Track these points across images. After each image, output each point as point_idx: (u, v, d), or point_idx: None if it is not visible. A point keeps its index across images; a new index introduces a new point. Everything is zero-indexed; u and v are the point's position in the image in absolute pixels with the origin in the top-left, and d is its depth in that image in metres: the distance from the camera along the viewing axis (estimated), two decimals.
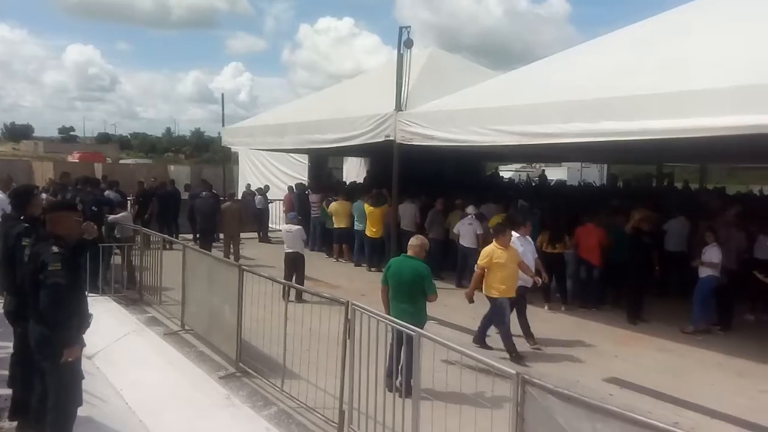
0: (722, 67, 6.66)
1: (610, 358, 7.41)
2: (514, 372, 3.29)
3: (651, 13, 10.02)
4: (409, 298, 5.80)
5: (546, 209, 12.10)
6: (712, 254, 8.39)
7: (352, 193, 14.45)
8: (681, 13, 9.35)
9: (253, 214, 16.60)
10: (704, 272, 8.44)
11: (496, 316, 7.37)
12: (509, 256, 7.22)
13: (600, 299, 9.86)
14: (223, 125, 17.01)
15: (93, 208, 10.11)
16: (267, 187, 17.69)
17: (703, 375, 6.92)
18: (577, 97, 7.62)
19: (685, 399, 6.06)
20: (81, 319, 4.55)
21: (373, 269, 12.31)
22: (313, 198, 15.25)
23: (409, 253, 5.94)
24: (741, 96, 5.99)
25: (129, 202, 12.62)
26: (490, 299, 7.33)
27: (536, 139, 7.98)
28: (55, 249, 4.28)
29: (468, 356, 3.93)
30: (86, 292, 5.26)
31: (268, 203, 17.24)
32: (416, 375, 4.38)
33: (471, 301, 7.37)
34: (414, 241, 6.02)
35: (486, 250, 7.33)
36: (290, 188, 16.76)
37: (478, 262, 7.39)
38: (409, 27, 10.20)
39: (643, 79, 7.25)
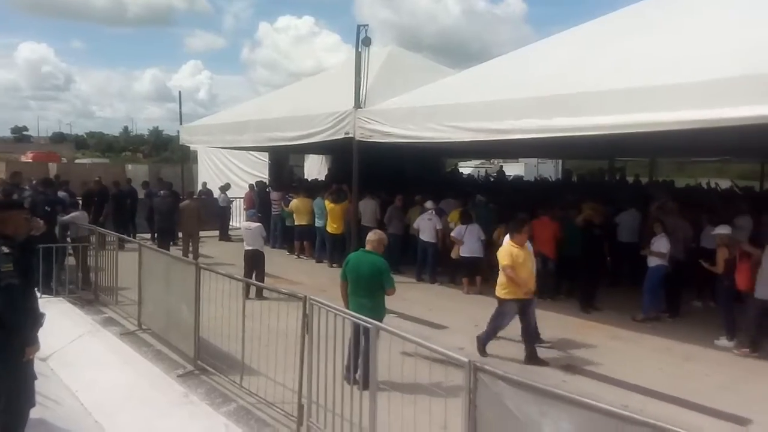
0: (670, 64, 6.90)
1: (564, 346, 7.63)
2: (466, 360, 3.39)
3: (604, 13, 10.34)
4: (367, 293, 5.88)
5: (502, 204, 12.33)
6: (661, 244, 8.71)
7: (312, 190, 14.46)
8: (631, 12, 9.64)
9: (214, 213, 16.46)
10: (653, 262, 8.76)
11: (499, 317, 7.12)
12: (527, 255, 7.02)
13: (555, 290, 10.11)
14: (180, 123, 16.76)
15: (46, 208, 9.88)
16: (228, 185, 17.52)
17: (653, 360, 7.18)
18: (531, 94, 7.79)
19: (635, 383, 6.29)
20: (34, 318, 4.47)
21: (334, 265, 12.34)
22: (274, 196, 15.19)
23: (368, 247, 6.01)
24: (688, 93, 6.23)
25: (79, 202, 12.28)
26: (501, 301, 7.06)
27: (491, 135, 8.14)
28: (5, 249, 4.22)
29: (423, 346, 4.02)
30: (38, 293, 5.18)
31: (231, 201, 17.07)
32: (373, 367, 4.45)
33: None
34: (372, 236, 6.10)
35: (506, 251, 6.98)
36: (251, 186, 16.65)
37: (502, 263, 6.95)
38: (367, 25, 10.27)
39: (594, 77, 7.47)
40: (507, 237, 7.40)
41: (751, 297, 7.37)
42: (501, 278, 7.03)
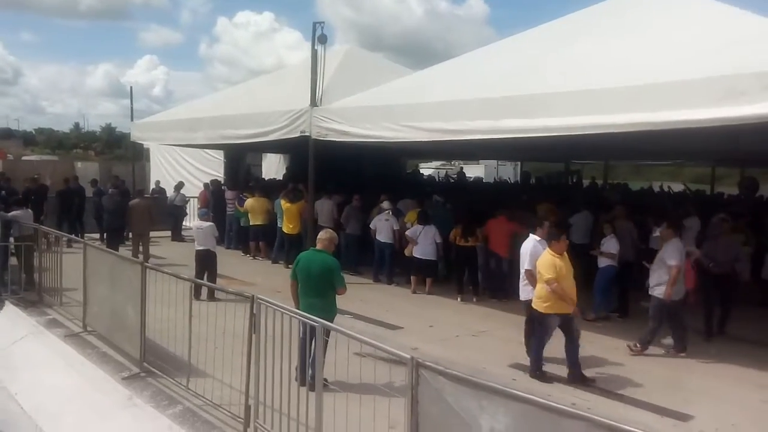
0: (621, 67, 7.07)
1: (517, 345, 7.66)
2: (409, 357, 3.37)
3: (562, 16, 10.51)
4: (318, 292, 5.82)
5: (460, 204, 12.42)
6: (610, 245, 8.89)
7: (269, 189, 14.29)
8: (585, 15, 9.83)
9: (166, 212, 16.10)
10: (603, 262, 8.92)
11: (540, 332, 6.63)
12: (568, 265, 6.53)
13: (509, 290, 10.21)
14: (132, 120, 16.36)
15: None
16: (182, 183, 17.15)
17: (602, 358, 7.31)
18: (484, 95, 7.87)
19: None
20: None
21: (290, 266, 12.21)
22: (229, 195, 14.95)
23: (318, 246, 5.95)
24: (635, 95, 6.37)
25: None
26: (541, 315, 6.54)
27: (445, 136, 8.18)
28: None
29: (368, 344, 3.99)
30: None
31: (186, 201, 16.71)
32: (319, 366, 4.40)
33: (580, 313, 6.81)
34: (323, 234, 6.05)
35: (549, 262, 6.41)
36: (206, 185, 16.36)
37: (546, 276, 6.39)
38: (323, 22, 10.22)
39: (545, 78, 7.60)
40: (530, 236, 7.19)
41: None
42: (540, 291, 6.49)
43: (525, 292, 7.08)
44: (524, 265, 7.05)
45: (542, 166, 28.94)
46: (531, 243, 7.12)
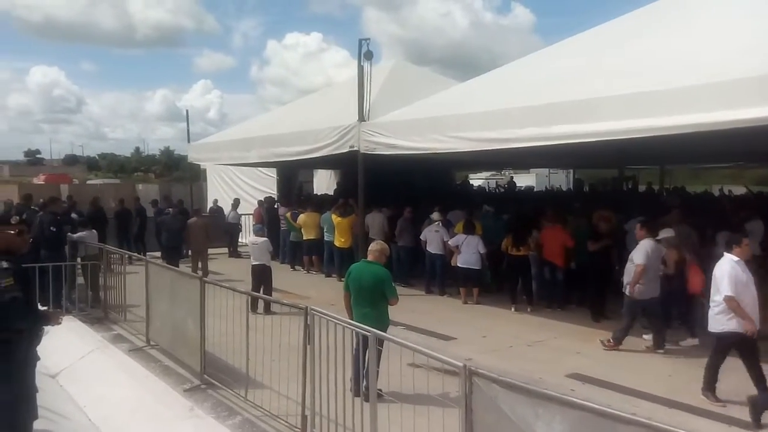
0: (669, 68, 6.89)
1: (573, 355, 7.56)
2: (461, 365, 3.38)
3: (607, 20, 10.35)
4: (370, 303, 5.87)
5: (512, 214, 12.30)
6: None
7: (321, 204, 14.52)
8: (633, 18, 9.65)
9: (222, 229, 16.55)
10: None
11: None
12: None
13: (565, 299, 10.04)
14: (189, 142, 16.92)
15: (51, 228, 9.99)
16: (237, 201, 17.63)
17: (662, 368, 7.09)
18: (531, 102, 7.80)
19: (644, 390, 6.21)
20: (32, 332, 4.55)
21: (342, 279, 12.34)
22: (282, 211, 15.26)
23: (369, 258, 6.02)
24: (686, 96, 6.19)
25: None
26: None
27: (493, 145, 8.15)
28: (3, 264, 4.30)
29: (421, 353, 4.00)
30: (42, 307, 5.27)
31: (240, 218, 17.13)
32: (373, 375, 4.44)
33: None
34: (374, 246, 6.11)
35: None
36: (260, 202, 16.76)
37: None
38: (369, 39, 10.34)
39: (594, 83, 7.48)
40: (726, 256, 6.00)
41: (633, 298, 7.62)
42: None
43: (719, 322, 5.94)
44: (723, 291, 5.82)
45: (595, 173, 28.34)
46: (729, 265, 5.91)
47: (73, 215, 12.55)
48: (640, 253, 7.54)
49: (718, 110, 5.90)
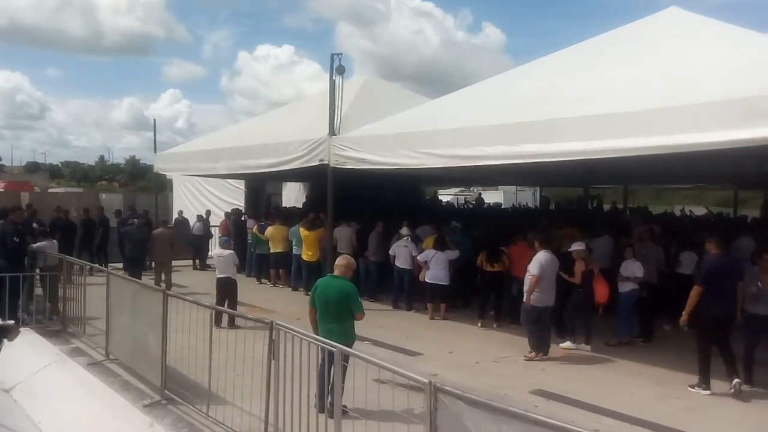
0: (635, 92, 7.09)
1: (538, 371, 7.62)
2: (426, 381, 3.37)
3: (577, 42, 10.59)
4: (336, 318, 5.83)
5: (480, 230, 12.39)
6: (634, 268, 8.78)
7: (289, 217, 14.42)
8: (600, 42, 9.93)
9: (187, 241, 16.28)
10: (626, 287, 8.80)
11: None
12: None
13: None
14: (155, 151, 16.69)
15: (14, 238, 9.69)
16: (208, 213, 17.40)
17: (625, 384, 7.19)
18: (501, 120, 7.92)
19: (607, 407, 6.29)
20: None
21: (310, 293, 12.25)
22: (250, 224, 15.11)
23: (336, 272, 5.99)
24: (649, 119, 6.37)
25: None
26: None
27: (463, 162, 8.23)
28: None
29: (386, 369, 3.98)
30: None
31: (210, 229, 16.85)
32: (337, 392, 4.40)
33: None
34: (340, 260, 6.08)
35: None
36: (226, 214, 16.57)
37: None
38: (341, 54, 10.41)
39: (562, 104, 7.63)
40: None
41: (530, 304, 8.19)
42: None
43: None
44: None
45: (562, 191, 28.80)
46: None
47: (34, 225, 12.19)
48: (535, 264, 8.14)
49: (679, 133, 6.08)
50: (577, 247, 8.78)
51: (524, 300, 8.26)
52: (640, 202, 25.81)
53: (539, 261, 8.16)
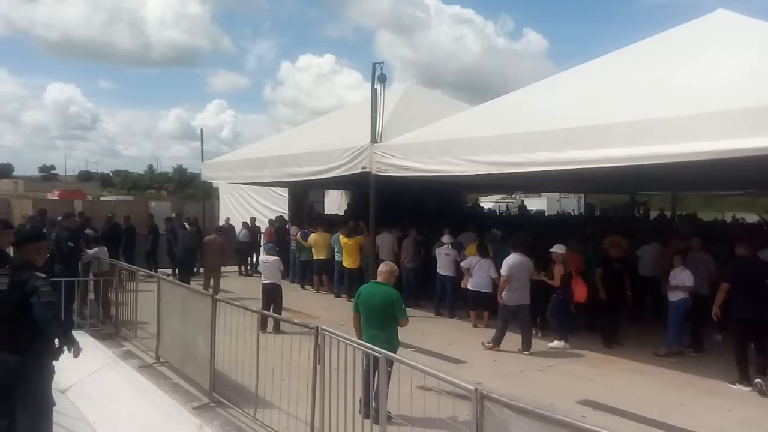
0: (682, 96, 6.94)
1: (584, 382, 7.49)
2: (473, 388, 3.37)
3: (621, 47, 10.41)
4: (380, 324, 5.87)
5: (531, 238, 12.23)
6: (684, 277, 8.56)
7: (331, 224, 14.57)
8: (646, 45, 9.74)
9: (234, 248, 16.61)
10: (676, 296, 8.59)
11: None
12: None
13: (576, 324, 9.94)
14: (202, 160, 17.11)
15: (69, 243, 10.09)
16: (253, 220, 17.72)
17: (675, 395, 7.02)
18: (544, 127, 7.86)
19: (656, 419, 6.15)
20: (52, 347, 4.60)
21: (352, 300, 12.33)
22: (293, 231, 15.32)
23: (379, 279, 6.03)
24: (698, 124, 6.22)
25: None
26: None
27: (505, 168, 8.19)
28: (40, 275, 4.48)
29: (432, 376, 3.99)
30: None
31: (257, 236, 17.12)
32: (382, 398, 4.43)
33: None
34: (383, 267, 6.12)
35: None
36: (270, 221, 16.85)
37: None
38: (383, 62, 10.50)
39: (607, 109, 7.53)
40: None
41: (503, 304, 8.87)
42: None
43: None
44: None
45: (607, 198, 28.26)
46: None
47: (87, 231, 12.65)
48: (504, 266, 8.84)
49: (728, 138, 5.92)
50: (556, 250, 9.14)
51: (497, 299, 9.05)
52: (689, 209, 25.12)
53: (508, 264, 8.80)
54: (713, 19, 9.32)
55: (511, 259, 8.85)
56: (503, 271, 8.84)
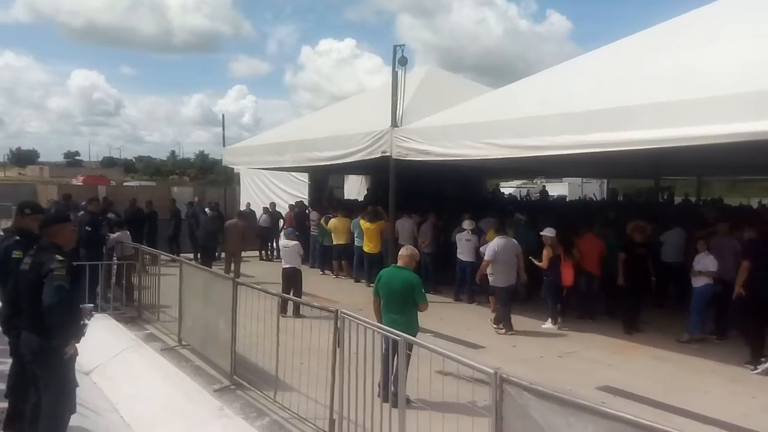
0: (707, 78, 6.76)
1: (605, 367, 7.43)
2: (492, 371, 3.35)
3: (646, 27, 10.18)
4: (400, 308, 5.87)
5: (554, 223, 12.11)
6: (708, 262, 8.41)
7: (352, 209, 14.58)
8: (670, 26, 9.50)
9: (255, 233, 16.71)
10: (700, 281, 8.46)
11: None
12: None
13: (597, 309, 9.88)
14: (224, 146, 17.22)
15: (87, 228, 10.22)
16: (273, 205, 17.81)
17: (697, 382, 6.93)
18: (567, 109, 7.72)
19: (677, 405, 6.07)
20: (77, 325, 4.66)
21: (371, 284, 12.36)
22: (313, 216, 15.37)
23: (399, 263, 6.01)
24: (724, 105, 6.06)
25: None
26: None
27: (527, 152, 8.08)
28: (58, 257, 4.49)
29: (450, 359, 3.98)
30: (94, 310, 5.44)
31: (277, 221, 17.22)
32: (401, 382, 4.43)
33: None
34: (404, 251, 6.11)
35: None
36: (291, 206, 16.91)
37: None
38: (404, 45, 10.41)
39: (631, 91, 7.37)
40: None
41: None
42: None
43: None
44: None
45: (630, 183, 27.87)
46: None
47: (110, 215, 12.81)
48: (489, 250, 9.12)
49: (756, 120, 5.76)
50: (546, 233, 9.33)
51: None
52: (714, 194, 24.68)
53: (492, 248, 9.03)
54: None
55: (495, 243, 9.08)
56: (487, 254, 9.08)
